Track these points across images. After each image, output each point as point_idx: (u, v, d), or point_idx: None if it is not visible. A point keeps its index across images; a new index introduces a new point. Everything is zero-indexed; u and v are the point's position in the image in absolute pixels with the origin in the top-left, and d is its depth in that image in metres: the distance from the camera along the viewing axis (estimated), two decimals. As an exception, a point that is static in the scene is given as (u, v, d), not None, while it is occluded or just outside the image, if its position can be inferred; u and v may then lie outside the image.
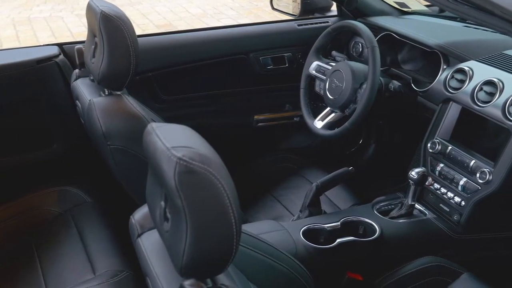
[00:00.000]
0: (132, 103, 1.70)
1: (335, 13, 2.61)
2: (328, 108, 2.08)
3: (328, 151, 2.68)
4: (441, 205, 1.80)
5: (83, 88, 1.85)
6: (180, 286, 0.90)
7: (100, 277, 1.69)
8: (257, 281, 1.13)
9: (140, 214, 1.14)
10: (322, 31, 2.16)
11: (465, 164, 1.72)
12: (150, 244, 1.07)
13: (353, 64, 2.00)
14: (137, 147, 1.51)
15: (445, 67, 1.92)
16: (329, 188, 1.84)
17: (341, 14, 2.57)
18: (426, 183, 1.80)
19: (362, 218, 1.72)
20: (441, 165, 1.81)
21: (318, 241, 1.63)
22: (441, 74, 1.90)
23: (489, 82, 1.69)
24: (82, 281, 1.68)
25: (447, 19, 2.34)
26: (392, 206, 1.84)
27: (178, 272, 0.89)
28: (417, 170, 1.73)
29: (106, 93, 1.75)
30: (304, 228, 1.64)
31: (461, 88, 1.78)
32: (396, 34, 2.16)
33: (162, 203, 0.93)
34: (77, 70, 1.97)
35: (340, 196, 2.07)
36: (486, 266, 1.77)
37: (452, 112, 1.81)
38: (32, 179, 2.17)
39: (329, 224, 1.68)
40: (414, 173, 1.72)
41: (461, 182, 1.72)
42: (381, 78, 1.95)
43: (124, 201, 1.75)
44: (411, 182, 1.74)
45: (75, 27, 6.36)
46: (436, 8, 2.50)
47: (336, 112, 2.04)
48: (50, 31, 6.26)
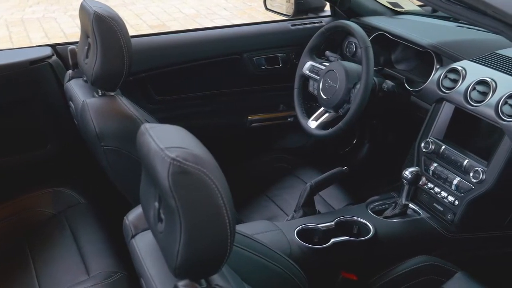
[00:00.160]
0: (125, 104, 1.70)
1: (329, 13, 2.61)
2: (322, 108, 2.08)
3: (322, 151, 2.68)
4: (434, 204, 1.81)
5: (77, 89, 1.84)
6: (174, 287, 0.90)
7: (94, 278, 1.68)
8: (252, 281, 1.13)
9: (134, 215, 1.14)
10: (316, 31, 2.16)
11: (458, 164, 1.72)
12: (144, 245, 1.07)
13: (347, 64, 2.00)
14: (131, 148, 1.51)
15: (438, 66, 1.92)
16: (323, 188, 1.84)
17: (334, 14, 2.57)
18: (420, 183, 1.80)
19: (356, 218, 1.72)
20: (435, 164, 1.81)
21: (312, 241, 1.63)
22: (434, 74, 1.91)
23: (482, 82, 1.70)
24: (76, 282, 1.68)
25: (440, 19, 2.35)
26: (386, 205, 1.84)
27: (172, 273, 0.89)
28: (410, 169, 1.73)
29: (100, 94, 1.75)
30: (298, 228, 1.64)
31: (454, 87, 1.78)
32: (390, 34, 2.16)
33: (156, 204, 0.93)
34: (70, 71, 1.96)
35: (334, 196, 2.07)
36: (479, 265, 1.78)
37: (446, 111, 1.82)
38: (26, 180, 2.16)
39: (323, 224, 1.68)
40: (407, 172, 1.73)
41: (455, 182, 1.72)
42: (374, 78, 1.95)
43: (118, 202, 1.75)
44: (405, 181, 1.74)
45: (69, 28, 6.34)
46: (429, 8, 2.51)
47: (330, 112, 2.05)
48: (43, 32, 6.24)
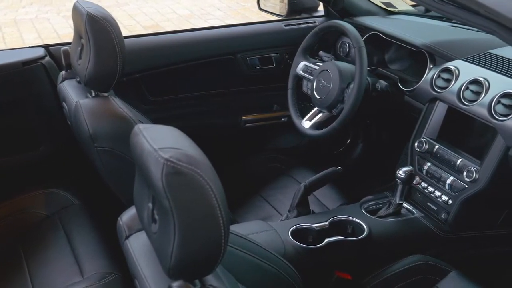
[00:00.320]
0: (119, 105, 1.69)
1: (322, 13, 2.61)
2: (316, 108, 2.08)
3: (316, 151, 2.68)
4: (428, 203, 1.81)
5: (70, 90, 1.84)
6: (168, 288, 0.90)
7: (88, 280, 1.68)
8: (246, 281, 1.13)
9: (127, 215, 1.14)
10: (309, 31, 2.17)
11: (452, 163, 1.73)
12: (138, 246, 1.07)
13: (340, 64, 2.01)
14: (125, 148, 1.50)
15: (431, 66, 1.93)
16: (317, 188, 1.83)
17: (328, 14, 2.57)
18: (414, 182, 1.81)
19: (350, 218, 1.72)
20: (428, 164, 1.81)
21: (307, 241, 1.63)
22: (427, 74, 1.91)
23: (475, 81, 1.70)
24: (70, 284, 1.67)
25: (433, 19, 2.35)
26: (380, 205, 1.84)
27: (166, 273, 0.89)
28: (404, 169, 1.74)
29: (93, 94, 1.75)
30: (292, 228, 1.64)
31: (447, 87, 1.79)
32: (383, 34, 2.17)
33: (150, 204, 0.93)
34: (63, 72, 1.96)
35: (328, 195, 2.07)
36: (473, 264, 1.78)
37: (439, 111, 1.82)
38: (19, 182, 2.15)
39: (317, 224, 1.68)
40: (401, 172, 1.73)
41: (448, 181, 1.73)
42: (368, 78, 1.95)
43: (111, 203, 1.75)
44: (399, 181, 1.75)
45: (62, 29, 6.32)
46: (422, 8, 2.51)
47: (323, 112, 2.05)
48: (36, 33, 6.22)
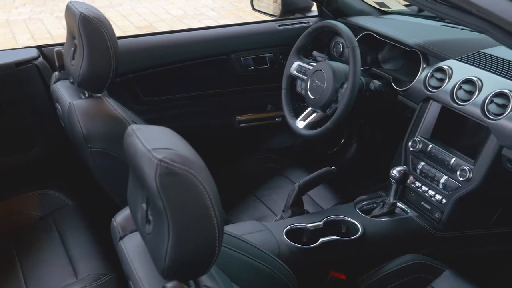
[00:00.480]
0: (112, 105, 1.69)
1: (316, 13, 2.61)
2: (310, 108, 2.08)
3: (310, 151, 2.68)
4: (422, 203, 1.82)
5: (63, 91, 1.83)
6: (162, 288, 0.90)
7: (83, 281, 1.67)
8: (240, 281, 1.13)
9: (121, 216, 1.14)
10: (303, 32, 2.17)
11: (445, 162, 1.73)
12: (132, 247, 1.07)
13: (334, 64, 2.01)
14: (118, 149, 1.50)
15: (424, 66, 1.93)
16: (311, 188, 1.84)
17: (321, 14, 2.57)
18: (408, 182, 1.81)
19: (344, 217, 1.73)
20: (422, 163, 1.82)
21: (301, 241, 1.63)
22: (421, 73, 1.92)
23: (468, 81, 1.71)
24: (64, 285, 1.67)
25: (426, 19, 2.36)
26: (374, 205, 1.85)
27: (160, 274, 0.89)
28: (398, 168, 1.74)
29: (87, 95, 1.74)
30: (287, 228, 1.64)
31: (440, 87, 1.79)
32: (376, 33, 2.17)
33: (144, 205, 0.92)
34: (56, 73, 1.95)
35: (323, 195, 2.07)
36: (467, 263, 1.79)
37: (432, 110, 1.83)
38: (13, 183, 2.14)
39: (311, 223, 1.68)
40: (395, 171, 1.74)
41: (442, 180, 1.73)
42: (361, 77, 1.96)
43: (105, 204, 1.74)
44: (393, 180, 1.75)
45: (55, 29, 6.30)
46: (415, 8, 2.52)
47: (317, 112, 2.05)
48: (29, 34, 6.20)
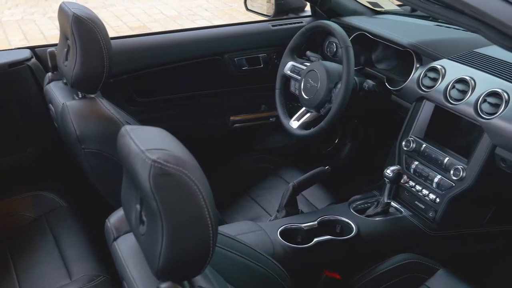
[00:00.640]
0: (106, 106, 1.69)
1: (309, 13, 2.61)
2: (304, 108, 2.08)
3: (304, 151, 2.69)
4: (416, 202, 1.82)
5: (56, 92, 1.83)
6: (156, 289, 0.90)
7: (77, 282, 1.67)
8: (235, 282, 1.13)
9: (115, 217, 1.13)
10: (297, 32, 2.17)
11: (439, 162, 1.74)
12: (126, 248, 1.06)
13: (328, 64, 2.01)
14: (112, 150, 1.50)
15: (418, 65, 1.93)
16: (305, 188, 1.84)
17: (315, 14, 2.57)
18: (401, 181, 1.82)
19: (339, 217, 1.73)
20: (416, 163, 1.82)
21: (296, 240, 1.63)
22: (414, 73, 1.92)
23: (461, 80, 1.71)
24: (58, 287, 1.66)
25: (419, 19, 2.37)
26: (368, 204, 1.85)
27: (154, 275, 0.89)
28: (392, 168, 1.75)
29: (80, 96, 1.74)
30: (281, 228, 1.64)
31: (434, 86, 1.79)
32: (370, 33, 2.17)
33: (138, 206, 0.92)
34: (49, 74, 1.95)
35: (317, 195, 2.08)
36: (461, 262, 1.79)
37: (426, 110, 1.83)
38: (6, 184, 2.13)
39: (306, 223, 1.68)
40: (389, 171, 1.74)
41: (436, 179, 1.74)
42: (355, 77, 1.96)
43: (99, 205, 1.74)
44: (387, 180, 1.76)
45: (48, 30, 6.28)
46: (408, 8, 2.53)
47: (311, 112, 2.05)
48: (22, 34, 6.18)
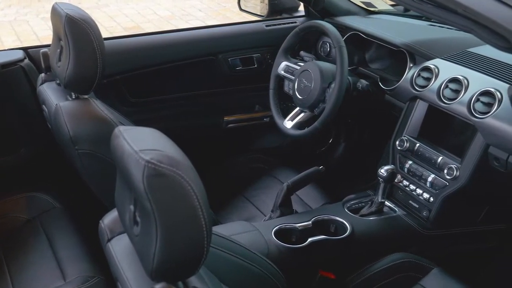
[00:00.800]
0: (99, 107, 1.68)
1: (303, 13, 2.62)
2: (298, 108, 2.08)
3: (299, 151, 2.69)
4: (410, 201, 1.83)
5: (50, 92, 1.82)
6: (150, 290, 0.90)
7: (71, 283, 1.67)
8: (229, 282, 1.13)
9: (109, 218, 1.13)
10: (290, 32, 2.17)
11: (432, 161, 1.74)
12: (120, 249, 1.06)
13: (321, 63, 2.01)
14: (106, 151, 1.49)
15: (411, 65, 1.94)
16: (300, 188, 1.84)
17: (308, 14, 2.58)
18: (395, 181, 1.82)
19: (333, 217, 1.73)
20: (410, 162, 1.83)
21: (290, 240, 1.63)
22: (407, 73, 1.92)
23: (454, 80, 1.72)
24: (53, 288, 1.66)
25: (413, 18, 2.37)
26: (363, 204, 1.86)
27: (148, 276, 0.89)
28: (386, 167, 1.75)
29: (73, 97, 1.73)
30: (275, 228, 1.64)
31: (427, 86, 1.80)
32: (363, 33, 2.18)
33: (132, 207, 0.92)
34: (43, 74, 1.94)
35: (311, 195, 2.08)
36: (455, 261, 1.80)
37: (419, 109, 1.84)
38: (-1, 186, 2.13)
39: (300, 223, 1.68)
40: (383, 170, 1.75)
41: (429, 179, 1.74)
42: (349, 77, 1.96)
43: (93, 206, 1.73)
44: (381, 179, 1.76)
45: (41, 31, 6.26)
46: (402, 8, 2.53)
47: (305, 112, 2.05)
48: (15, 35, 6.15)
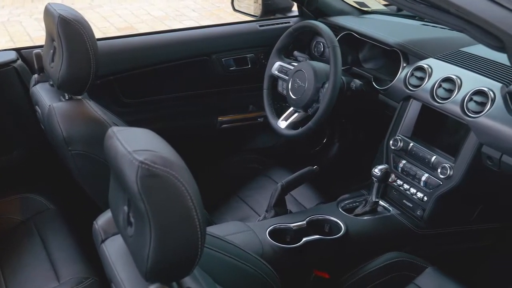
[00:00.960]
0: (93, 107, 1.68)
1: (296, 13, 2.62)
2: (292, 108, 2.08)
3: (293, 151, 2.69)
4: (404, 201, 1.83)
5: (43, 93, 1.81)
6: (145, 291, 0.89)
7: (65, 285, 1.66)
8: (224, 282, 1.13)
9: (103, 219, 1.13)
10: (284, 32, 2.17)
11: (426, 160, 1.75)
12: (114, 250, 1.06)
13: (315, 63, 2.01)
14: (99, 151, 1.49)
15: (404, 65, 1.94)
16: (294, 188, 1.84)
17: (302, 14, 2.58)
18: (389, 180, 1.83)
19: (327, 217, 1.73)
20: (403, 161, 1.83)
21: (285, 240, 1.63)
22: (401, 72, 1.93)
23: (448, 79, 1.72)
24: (47, 289, 1.66)
25: (406, 18, 2.38)
26: (357, 203, 1.86)
27: (143, 276, 0.88)
28: (380, 167, 1.76)
29: (66, 97, 1.73)
30: (270, 228, 1.64)
31: (420, 85, 1.80)
32: (357, 33, 2.18)
33: (125, 207, 0.92)
34: (36, 75, 1.93)
35: (306, 195, 2.08)
36: (449, 259, 1.80)
37: (413, 109, 1.84)
38: (-8, 187, 2.12)
39: (295, 223, 1.68)
40: (377, 170, 1.75)
41: (423, 178, 1.74)
42: (342, 77, 1.96)
43: (87, 207, 1.73)
44: (375, 179, 1.76)
45: (35, 31, 6.24)
46: (395, 7, 2.54)
47: (299, 112, 2.05)
48: (8, 36, 6.13)
